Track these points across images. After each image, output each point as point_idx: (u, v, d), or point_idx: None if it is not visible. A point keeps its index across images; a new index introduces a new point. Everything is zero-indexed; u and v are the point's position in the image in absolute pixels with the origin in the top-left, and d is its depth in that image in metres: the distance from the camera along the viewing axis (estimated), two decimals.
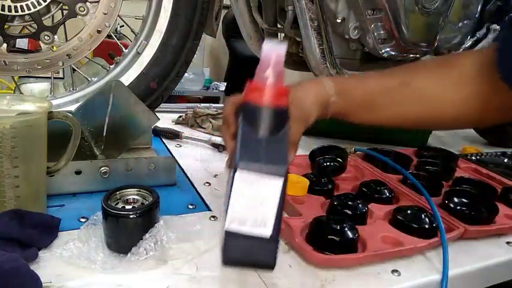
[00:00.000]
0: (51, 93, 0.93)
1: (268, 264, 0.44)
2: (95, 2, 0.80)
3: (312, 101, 0.55)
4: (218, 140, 0.96)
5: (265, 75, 0.45)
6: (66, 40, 0.82)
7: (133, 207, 0.55)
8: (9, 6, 0.73)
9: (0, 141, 0.51)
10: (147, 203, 0.56)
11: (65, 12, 0.80)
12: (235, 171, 0.42)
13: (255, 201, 0.42)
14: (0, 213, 0.53)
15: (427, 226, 0.61)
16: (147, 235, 0.53)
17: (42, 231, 0.54)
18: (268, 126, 0.44)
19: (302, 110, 0.52)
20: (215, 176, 0.81)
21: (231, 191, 0.42)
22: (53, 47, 0.80)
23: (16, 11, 0.74)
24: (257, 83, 0.45)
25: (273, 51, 0.45)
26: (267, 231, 0.42)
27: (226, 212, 0.42)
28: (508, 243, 0.66)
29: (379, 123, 0.64)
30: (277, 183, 0.41)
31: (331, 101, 0.58)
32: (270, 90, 0.45)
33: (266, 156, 0.43)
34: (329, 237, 0.56)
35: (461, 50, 1.01)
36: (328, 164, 0.81)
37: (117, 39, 0.97)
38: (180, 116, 1.13)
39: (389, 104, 0.61)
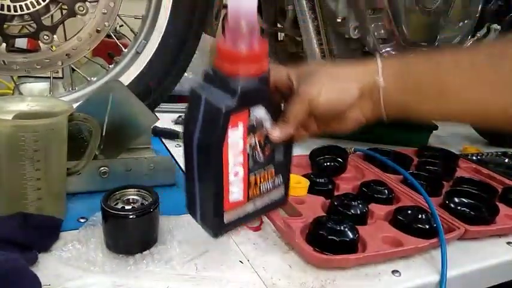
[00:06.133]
0: (50, 93, 0.92)
1: None
2: (94, 1, 0.80)
3: (332, 80, 0.42)
4: None
5: (235, 36, 0.37)
6: (66, 40, 0.82)
7: (133, 207, 0.55)
8: (8, 6, 0.73)
9: (23, 145, 0.51)
10: (146, 203, 0.56)
11: (64, 11, 0.80)
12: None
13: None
14: (6, 216, 0.53)
15: (427, 226, 0.61)
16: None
17: (43, 233, 0.53)
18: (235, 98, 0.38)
19: (305, 85, 0.42)
20: None
21: None
22: (52, 46, 0.80)
23: (15, 11, 0.74)
24: (226, 48, 0.38)
25: (242, 4, 0.37)
26: None
27: None
28: (508, 243, 0.66)
29: (455, 115, 0.46)
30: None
31: (377, 85, 0.42)
32: (241, 57, 0.38)
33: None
34: (329, 237, 0.56)
35: None
36: (328, 164, 0.81)
37: (117, 39, 0.96)
38: (180, 116, 1.12)
39: (475, 86, 0.42)
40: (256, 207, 0.46)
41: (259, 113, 0.41)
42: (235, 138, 0.40)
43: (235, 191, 0.43)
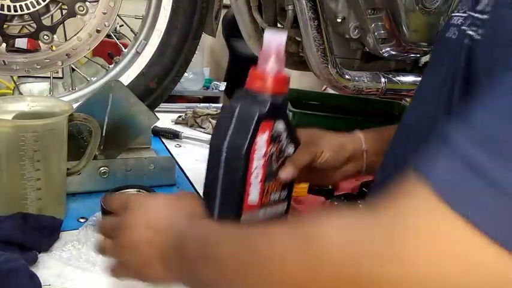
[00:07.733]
0: (50, 93, 0.92)
1: None
2: (94, 1, 0.80)
3: (332, 143, 0.56)
4: None
5: (267, 62, 0.45)
6: (66, 40, 0.82)
7: None
8: (9, 6, 0.73)
9: (23, 145, 0.52)
10: None
11: (64, 11, 0.80)
12: None
13: None
14: (6, 216, 0.53)
15: None
16: None
17: (43, 233, 0.53)
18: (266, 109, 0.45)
19: (312, 144, 0.54)
20: None
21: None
22: (52, 46, 0.79)
23: (15, 11, 0.74)
24: (259, 71, 0.46)
25: (274, 38, 0.45)
26: None
27: None
28: None
29: None
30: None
31: (362, 149, 0.58)
32: (271, 78, 0.45)
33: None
34: None
35: None
36: None
37: (117, 39, 0.96)
38: (180, 116, 1.12)
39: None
40: (265, 216, 0.50)
41: (280, 126, 0.48)
42: (262, 143, 0.46)
43: (253, 193, 0.47)
